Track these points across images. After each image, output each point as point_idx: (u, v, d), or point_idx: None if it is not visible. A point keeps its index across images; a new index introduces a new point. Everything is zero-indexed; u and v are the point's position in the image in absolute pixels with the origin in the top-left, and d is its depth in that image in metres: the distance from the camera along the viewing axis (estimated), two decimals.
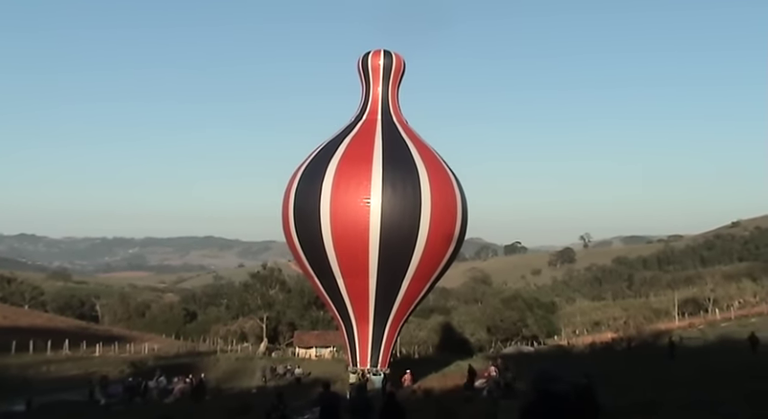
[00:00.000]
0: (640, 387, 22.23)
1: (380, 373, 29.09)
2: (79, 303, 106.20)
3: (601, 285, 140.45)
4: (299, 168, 30.12)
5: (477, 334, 70.46)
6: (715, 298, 66.48)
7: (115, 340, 58.09)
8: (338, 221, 27.51)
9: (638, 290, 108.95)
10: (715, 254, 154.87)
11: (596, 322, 75.52)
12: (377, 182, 27.60)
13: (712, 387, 19.84)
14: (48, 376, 38.55)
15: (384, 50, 31.94)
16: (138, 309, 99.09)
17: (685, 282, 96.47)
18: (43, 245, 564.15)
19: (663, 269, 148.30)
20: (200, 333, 77.81)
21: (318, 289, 30.61)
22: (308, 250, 29.06)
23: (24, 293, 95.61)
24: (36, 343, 47.01)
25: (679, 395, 18.79)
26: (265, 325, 67.90)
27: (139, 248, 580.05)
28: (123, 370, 39.79)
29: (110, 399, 29.43)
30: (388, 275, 27.95)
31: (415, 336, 67.47)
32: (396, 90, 32.07)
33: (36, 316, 74.47)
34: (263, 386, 37.62)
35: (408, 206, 27.62)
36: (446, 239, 28.95)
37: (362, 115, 31.17)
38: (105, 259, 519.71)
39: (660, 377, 24.67)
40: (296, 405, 21.17)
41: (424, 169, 28.59)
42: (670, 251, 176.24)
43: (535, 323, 70.64)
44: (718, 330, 47.18)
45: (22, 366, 40.28)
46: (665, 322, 61.64)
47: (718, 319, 55.75)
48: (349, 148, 29.03)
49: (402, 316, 29.99)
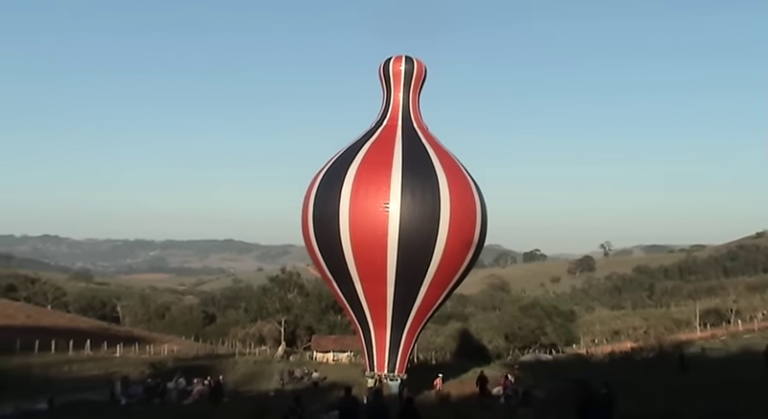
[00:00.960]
0: (660, 396, 22.06)
1: (397, 379, 29.10)
2: (101, 304, 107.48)
3: (621, 294, 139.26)
4: (319, 173, 30.29)
5: (494, 341, 70.21)
6: (738, 310, 65.48)
7: (135, 341, 58.68)
8: (357, 226, 27.60)
9: (658, 300, 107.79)
10: (738, 264, 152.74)
11: (616, 331, 74.90)
12: (396, 188, 27.65)
13: (732, 397, 19.63)
14: (69, 375, 39.06)
15: (405, 56, 32.02)
16: (158, 311, 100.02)
17: (707, 293, 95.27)
18: (66, 246, 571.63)
19: (684, 279, 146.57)
20: (219, 335, 78.35)
21: (336, 293, 30.73)
22: (326, 254, 29.19)
23: (47, 293, 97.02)
24: (58, 342, 47.63)
25: (698, 405, 18.64)
26: (283, 328, 68.24)
27: (160, 250, 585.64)
28: (143, 371, 40.19)
29: (130, 399, 29.81)
30: (406, 281, 27.97)
31: (433, 342, 67.39)
32: (417, 96, 32.13)
33: (58, 316, 75.47)
34: (281, 389, 37.79)
35: (427, 212, 27.63)
36: (465, 246, 28.91)
37: (383, 121, 31.27)
38: (126, 261, 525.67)
39: (680, 387, 24.45)
40: (313, 409, 21.28)
41: (443, 175, 28.59)
42: (692, 261, 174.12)
43: (554, 331, 70.16)
44: (741, 341, 46.48)
45: (45, 365, 40.84)
46: (686, 332, 60.88)
47: (741, 331, 54.92)
48: (369, 154, 29.13)
49: (420, 322, 29.98)
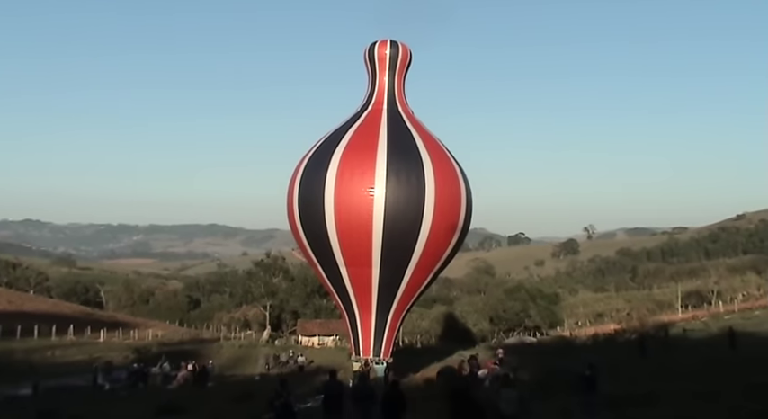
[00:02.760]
0: (642, 377, 22.33)
1: (383, 362, 29.24)
2: (84, 289, 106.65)
3: (604, 277, 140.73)
4: (304, 157, 30.12)
5: (479, 324, 70.69)
6: (719, 291, 66.44)
7: (119, 326, 58.46)
8: (342, 211, 27.53)
9: (641, 282, 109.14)
10: (719, 246, 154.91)
11: (599, 313, 75.73)
12: (381, 172, 27.56)
13: (711, 378, 19.93)
14: (52, 361, 38.89)
15: (390, 40, 31.77)
16: (142, 296, 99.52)
17: (689, 275, 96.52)
18: (48, 230, 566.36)
19: (667, 261, 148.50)
20: (204, 320, 78.22)
21: (322, 277, 30.70)
22: (311, 239, 29.11)
23: (29, 279, 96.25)
24: (41, 328, 47.37)
25: (679, 386, 18.89)
26: (268, 313, 68.22)
27: (144, 235, 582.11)
28: (127, 356, 40.07)
29: (114, 384, 29.72)
30: (391, 265, 27.98)
31: (418, 326, 67.75)
32: (402, 80, 31.94)
33: (41, 301, 74.99)
34: (267, 373, 37.90)
35: (412, 196, 27.60)
36: (450, 229, 28.95)
37: (368, 105, 31.10)
38: (110, 246, 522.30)
39: (661, 368, 24.77)
40: (299, 393, 21.31)
41: (428, 159, 28.54)
42: (674, 243, 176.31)
43: (538, 314, 70.80)
44: (722, 322, 47.21)
45: (27, 351, 40.61)
46: (668, 314, 61.70)
47: (722, 312, 55.78)
48: (353, 138, 28.99)
49: (405, 305, 30.06)
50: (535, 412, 15.13)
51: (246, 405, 20.17)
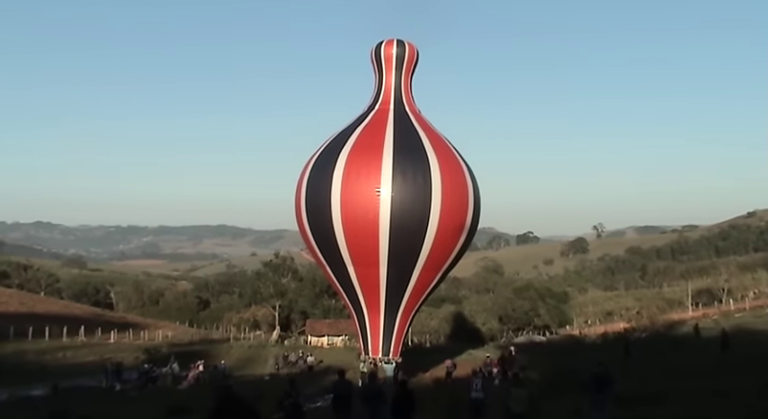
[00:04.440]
0: (653, 376, 22.22)
1: (392, 362, 29.24)
2: (94, 290, 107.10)
3: (613, 275, 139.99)
4: (312, 158, 30.19)
5: (488, 323, 70.56)
6: (729, 289, 65.99)
7: (129, 327, 58.65)
8: (349, 211, 27.57)
9: (651, 281, 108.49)
10: (730, 244, 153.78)
11: (609, 312, 75.46)
12: (387, 172, 27.59)
13: (724, 376, 19.81)
14: (64, 362, 39.09)
15: (397, 40, 31.81)
16: (151, 297, 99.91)
17: (699, 273, 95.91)
18: (59, 232, 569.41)
19: (677, 259, 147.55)
20: (214, 320, 78.39)
21: (330, 278, 30.76)
22: (319, 239, 29.17)
23: (40, 280, 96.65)
24: (52, 329, 47.56)
25: (690, 384, 18.79)
26: (278, 313, 68.32)
27: (153, 236, 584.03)
28: (138, 357, 40.20)
29: (124, 385, 29.89)
30: (398, 265, 28.00)
31: (427, 326, 67.70)
32: (408, 79, 31.98)
33: (52, 302, 75.31)
34: (276, 373, 37.93)
35: (419, 195, 27.60)
36: (457, 229, 28.91)
37: (375, 105, 31.13)
38: (120, 247, 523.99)
39: (672, 366, 24.65)
40: (308, 393, 21.34)
41: (435, 158, 28.52)
42: (684, 241, 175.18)
43: (547, 313, 70.62)
44: (733, 320, 46.92)
45: (39, 352, 40.83)
46: (678, 312, 61.38)
47: (733, 310, 55.44)
48: (360, 138, 29.03)
49: (413, 305, 30.06)
50: (545, 411, 15.08)
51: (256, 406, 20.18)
